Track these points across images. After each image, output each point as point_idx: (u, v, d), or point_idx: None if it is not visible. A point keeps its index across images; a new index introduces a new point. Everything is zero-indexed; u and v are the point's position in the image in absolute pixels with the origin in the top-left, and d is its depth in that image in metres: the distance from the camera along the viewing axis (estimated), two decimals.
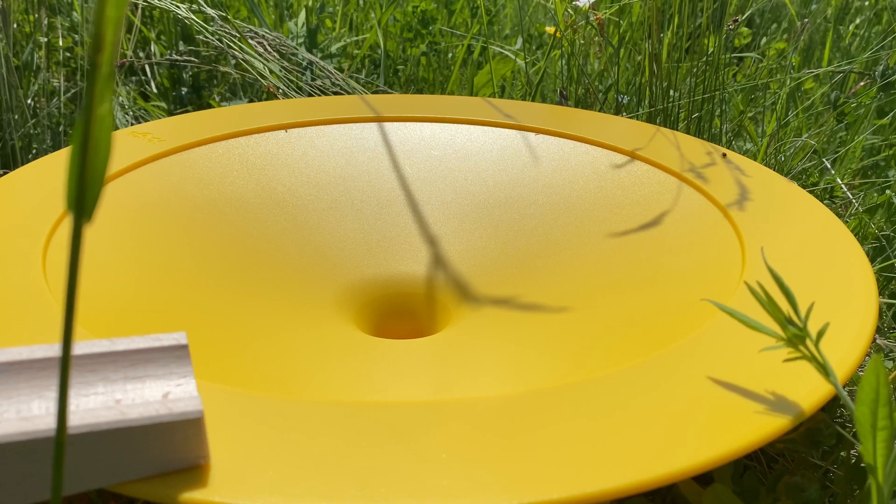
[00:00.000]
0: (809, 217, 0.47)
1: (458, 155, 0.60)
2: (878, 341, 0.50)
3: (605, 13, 0.78)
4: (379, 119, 0.62)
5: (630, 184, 0.55)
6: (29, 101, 0.75)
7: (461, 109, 0.64)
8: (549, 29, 0.84)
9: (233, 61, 0.86)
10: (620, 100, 0.76)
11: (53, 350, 0.27)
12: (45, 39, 0.80)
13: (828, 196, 0.71)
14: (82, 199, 0.15)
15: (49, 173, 0.50)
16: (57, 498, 0.17)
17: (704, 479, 0.38)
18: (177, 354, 0.28)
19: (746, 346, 0.35)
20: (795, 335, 0.29)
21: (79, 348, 0.28)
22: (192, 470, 0.26)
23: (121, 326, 0.39)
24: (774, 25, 1.14)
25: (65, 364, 0.16)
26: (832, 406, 0.43)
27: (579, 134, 0.60)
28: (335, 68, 0.83)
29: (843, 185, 0.68)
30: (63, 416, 0.16)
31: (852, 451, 0.40)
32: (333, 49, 0.90)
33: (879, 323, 0.54)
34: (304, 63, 0.81)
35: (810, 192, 0.68)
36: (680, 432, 0.29)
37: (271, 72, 0.77)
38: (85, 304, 0.39)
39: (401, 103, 0.66)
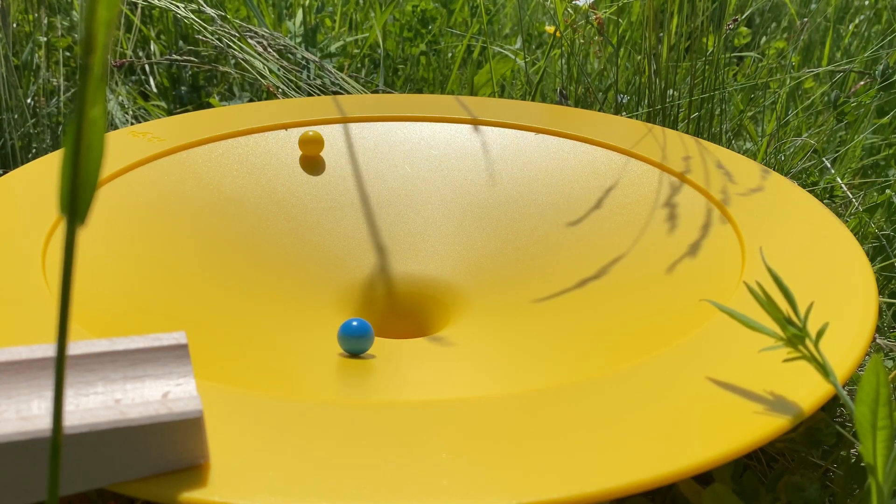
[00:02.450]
0: (809, 217, 0.47)
1: (458, 155, 0.60)
2: (878, 341, 0.50)
3: (605, 13, 0.78)
4: (379, 119, 0.62)
5: (630, 183, 0.55)
6: (29, 100, 0.75)
7: (461, 109, 0.64)
8: (549, 28, 0.84)
9: (232, 61, 0.86)
10: (620, 99, 0.76)
11: (53, 350, 0.27)
12: (45, 39, 0.80)
13: (828, 195, 0.71)
14: (75, 202, 0.15)
15: (49, 173, 0.50)
16: (54, 499, 0.17)
17: (704, 478, 0.38)
18: (176, 354, 0.28)
19: (746, 346, 0.35)
20: (795, 335, 0.29)
21: (78, 348, 0.28)
22: (192, 470, 0.26)
23: (120, 326, 0.39)
24: (774, 25, 1.14)
25: (59, 365, 0.16)
26: (832, 405, 0.43)
27: (579, 134, 0.60)
28: (335, 68, 0.83)
29: (842, 185, 0.68)
30: (59, 416, 0.16)
31: (852, 451, 0.40)
32: (333, 48, 0.90)
33: (879, 322, 0.54)
34: (304, 62, 0.81)
35: (810, 191, 0.68)
36: (680, 432, 0.29)
37: (271, 71, 0.77)
38: (84, 303, 0.39)
39: (400, 103, 0.66)
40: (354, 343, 0.43)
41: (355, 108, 0.63)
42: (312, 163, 0.57)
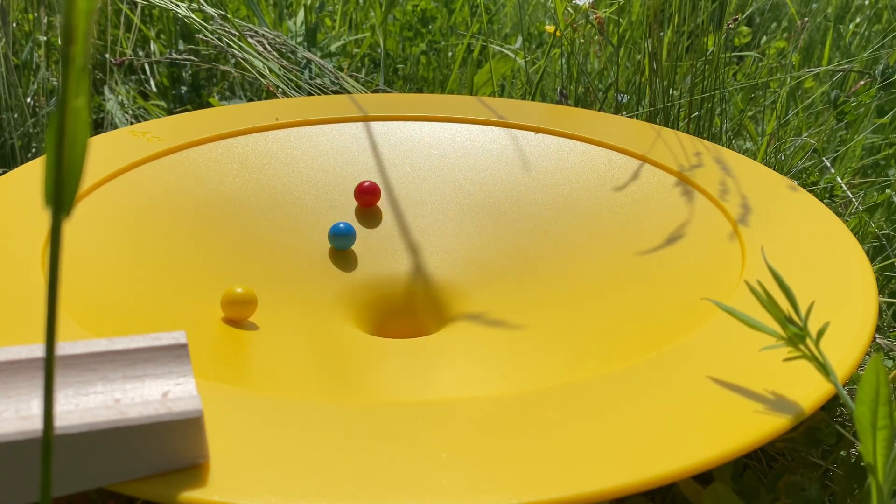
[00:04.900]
0: (809, 216, 0.47)
1: (458, 155, 0.60)
2: (878, 340, 0.50)
3: (605, 12, 0.78)
4: (379, 118, 0.62)
5: (629, 183, 0.55)
6: (28, 99, 0.75)
7: (461, 109, 0.64)
8: (549, 28, 0.84)
9: (232, 60, 0.86)
10: (620, 99, 0.76)
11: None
12: (45, 38, 0.80)
13: (828, 195, 0.71)
14: (60, 194, 0.15)
15: None
16: (46, 498, 0.17)
17: (704, 478, 0.38)
18: (176, 353, 0.28)
19: (746, 345, 0.35)
20: (795, 334, 0.29)
21: (78, 347, 0.28)
22: (192, 469, 0.26)
23: (120, 325, 0.39)
24: (774, 24, 1.14)
25: (49, 365, 0.16)
26: (832, 405, 0.43)
27: (579, 133, 0.60)
28: (335, 67, 0.83)
29: (843, 184, 0.68)
30: (49, 416, 0.16)
31: (852, 451, 0.40)
32: (333, 48, 0.90)
33: (879, 322, 0.54)
34: (304, 62, 0.81)
35: (810, 191, 0.68)
36: (680, 432, 0.29)
37: (271, 70, 0.77)
38: (83, 303, 0.39)
39: (400, 102, 0.66)
40: (341, 241, 0.53)
41: (355, 108, 0.63)
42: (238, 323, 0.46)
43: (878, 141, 0.71)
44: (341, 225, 0.53)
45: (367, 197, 0.55)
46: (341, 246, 0.53)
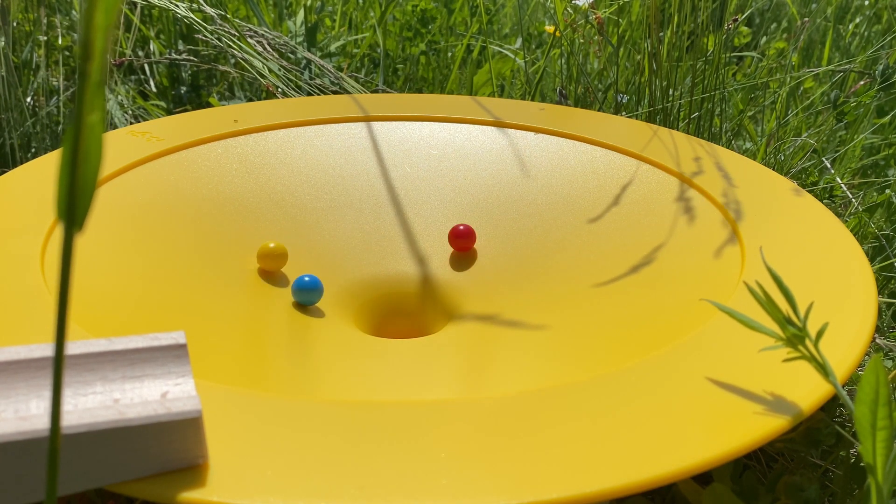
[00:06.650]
0: (809, 217, 0.47)
1: (458, 155, 0.60)
2: (877, 341, 0.50)
3: (605, 12, 0.78)
4: (378, 118, 0.62)
5: (629, 183, 0.55)
6: (28, 99, 0.75)
7: (461, 109, 0.64)
8: (549, 28, 0.84)
9: (232, 60, 0.86)
10: (620, 99, 0.76)
11: (51, 349, 0.27)
12: (45, 38, 0.80)
13: (827, 195, 0.71)
14: (73, 208, 0.15)
15: (48, 173, 0.50)
16: (52, 499, 0.17)
17: (704, 478, 0.38)
18: (175, 354, 0.28)
19: (746, 345, 0.35)
20: (795, 335, 0.29)
21: (77, 348, 0.28)
22: (191, 469, 0.26)
23: (119, 326, 0.39)
24: (774, 24, 1.14)
25: (57, 368, 0.16)
26: (831, 405, 0.43)
27: (579, 133, 0.60)
28: (334, 67, 0.83)
29: (842, 185, 0.68)
30: (57, 416, 0.16)
31: (852, 451, 0.40)
32: (333, 48, 0.90)
33: (879, 322, 0.54)
34: (303, 62, 0.81)
35: (810, 191, 0.68)
36: (679, 432, 0.29)
37: (270, 71, 0.77)
38: (83, 303, 0.39)
39: (400, 102, 0.66)
40: (306, 296, 0.48)
41: (355, 108, 0.63)
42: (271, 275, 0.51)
43: (877, 141, 0.71)
44: (306, 278, 0.48)
45: (461, 241, 0.54)
46: (306, 301, 0.48)
